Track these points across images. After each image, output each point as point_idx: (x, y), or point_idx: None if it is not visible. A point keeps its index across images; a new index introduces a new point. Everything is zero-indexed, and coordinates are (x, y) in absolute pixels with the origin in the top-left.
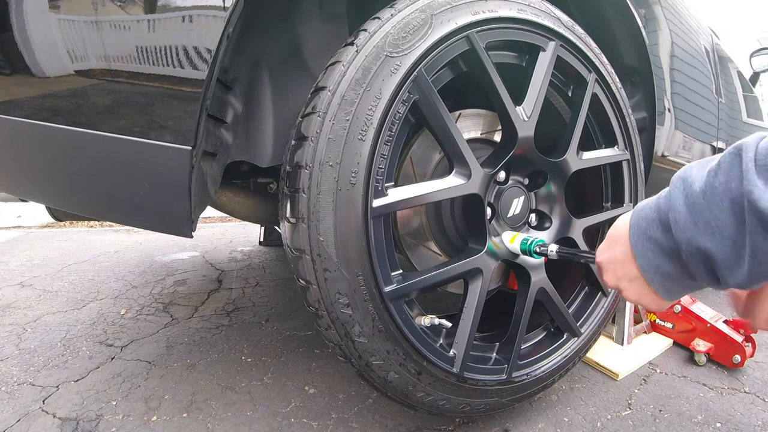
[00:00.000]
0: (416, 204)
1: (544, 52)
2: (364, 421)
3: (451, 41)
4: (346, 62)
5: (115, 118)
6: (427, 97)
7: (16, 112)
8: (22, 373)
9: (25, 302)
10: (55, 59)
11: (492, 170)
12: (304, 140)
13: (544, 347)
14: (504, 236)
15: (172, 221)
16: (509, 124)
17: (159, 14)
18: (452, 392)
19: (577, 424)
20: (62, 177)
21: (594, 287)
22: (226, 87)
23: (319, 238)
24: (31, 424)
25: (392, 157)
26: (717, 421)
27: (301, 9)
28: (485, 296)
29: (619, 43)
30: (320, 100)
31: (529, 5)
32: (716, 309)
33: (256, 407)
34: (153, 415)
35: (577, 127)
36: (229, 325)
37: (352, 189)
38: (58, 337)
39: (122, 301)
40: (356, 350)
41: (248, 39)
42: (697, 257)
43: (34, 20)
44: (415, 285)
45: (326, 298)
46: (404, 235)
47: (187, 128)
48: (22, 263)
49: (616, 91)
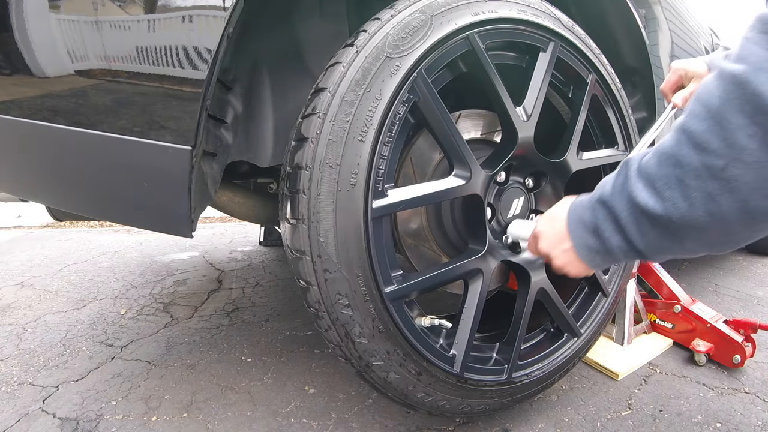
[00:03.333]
0: (416, 205)
1: (544, 53)
2: (364, 421)
3: (451, 42)
4: (346, 63)
5: (115, 118)
6: (427, 98)
7: (16, 112)
8: (22, 373)
9: (25, 302)
10: (55, 59)
11: (492, 171)
12: (304, 141)
13: (544, 347)
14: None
15: (172, 221)
16: (509, 125)
17: (159, 14)
18: (452, 393)
19: (577, 424)
20: (62, 177)
21: (594, 288)
22: (226, 87)
23: (320, 239)
24: (31, 424)
25: (392, 157)
26: (717, 421)
27: (301, 9)
28: (485, 297)
29: (619, 44)
30: (320, 101)
31: (529, 6)
32: (716, 309)
33: (256, 407)
34: (153, 415)
35: (577, 127)
36: (229, 325)
37: (353, 190)
38: (58, 337)
39: (122, 301)
40: (356, 351)
41: (248, 39)
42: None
43: (34, 20)
44: (415, 285)
45: (326, 298)
46: (404, 235)
47: (187, 128)
48: (22, 263)
49: (616, 92)
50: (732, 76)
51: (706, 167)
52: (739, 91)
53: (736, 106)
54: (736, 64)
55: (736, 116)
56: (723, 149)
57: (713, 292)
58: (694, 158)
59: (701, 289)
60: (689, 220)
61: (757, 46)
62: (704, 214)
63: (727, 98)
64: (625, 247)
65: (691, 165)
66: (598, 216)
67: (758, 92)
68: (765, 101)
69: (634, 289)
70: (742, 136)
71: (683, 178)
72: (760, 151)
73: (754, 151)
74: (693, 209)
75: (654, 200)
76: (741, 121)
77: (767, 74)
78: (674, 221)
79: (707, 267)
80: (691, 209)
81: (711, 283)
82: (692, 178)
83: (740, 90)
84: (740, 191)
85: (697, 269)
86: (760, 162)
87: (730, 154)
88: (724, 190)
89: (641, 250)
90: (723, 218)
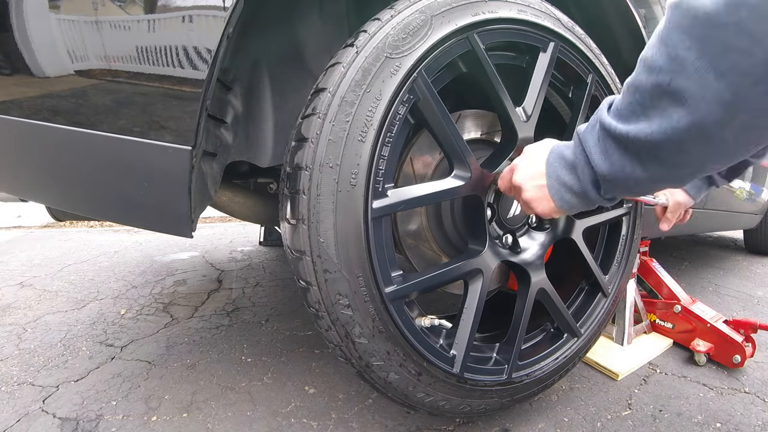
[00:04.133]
0: (416, 205)
1: (544, 53)
2: (364, 421)
3: (450, 42)
4: (346, 63)
5: (115, 118)
6: (427, 98)
7: (16, 112)
8: (22, 373)
9: (25, 302)
10: (55, 59)
11: (492, 171)
12: (304, 141)
13: (544, 348)
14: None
15: (172, 221)
16: (509, 125)
17: (159, 14)
18: (452, 393)
19: (577, 424)
20: (62, 177)
21: (594, 288)
22: (226, 87)
23: (320, 239)
24: (31, 424)
25: (392, 158)
26: (717, 421)
27: (301, 9)
28: (485, 297)
29: (620, 44)
30: (320, 101)
31: (529, 6)
32: (716, 309)
33: (256, 407)
34: (153, 415)
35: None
36: (229, 325)
37: (353, 190)
38: (58, 337)
39: (122, 301)
40: (356, 351)
41: (248, 39)
42: (584, 162)
43: (34, 20)
44: (416, 286)
45: (327, 299)
46: (404, 235)
47: (187, 128)
48: (22, 263)
49: (616, 92)
50: (672, 1)
51: (656, 85)
52: (678, 11)
53: (676, 25)
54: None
55: (676, 33)
56: (667, 65)
57: (713, 292)
58: (647, 79)
59: (701, 289)
60: (646, 137)
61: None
62: (659, 131)
63: (668, 20)
64: (592, 177)
65: (645, 86)
66: (576, 152)
67: (691, 7)
68: (697, 14)
69: (634, 289)
70: (681, 48)
71: (642, 100)
72: (699, 60)
73: (694, 60)
74: (650, 125)
75: (618, 122)
76: (679, 36)
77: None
78: (634, 140)
79: (707, 267)
80: (649, 126)
81: (711, 283)
82: (647, 98)
83: (678, 10)
84: (687, 102)
85: (697, 269)
86: (699, 70)
87: (673, 68)
88: (674, 103)
89: (605, 173)
90: (677, 135)
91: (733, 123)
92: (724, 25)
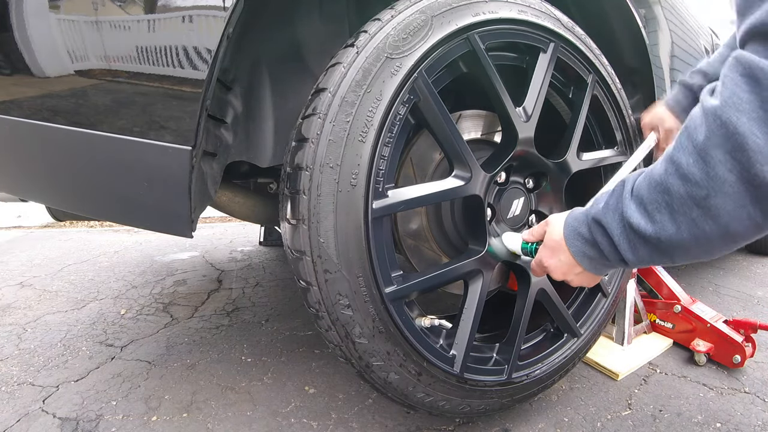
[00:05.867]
0: (417, 205)
1: (544, 54)
2: (364, 421)
3: (451, 43)
4: (346, 64)
5: (115, 118)
6: (428, 99)
7: (16, 112)
8: (22, 373)
9: (25, 302)
10: (55, 59)
11: (492, 171)
12: (304, 142)
13: (544, 348)
14: (504, 237)
15: (172, 221)
16: (509, 125)
17: (159, 14)
18: (452, 393)
19: (577, 424)
20: (62, 177)
21: (594, 288)
22: (226, 87)
23: (320, 239)
24: (31, 424)
25: (393, 158)
26: (717, 421)
27: (301, 9)
28: (485, 297)
29: (620, 44)
30: (321, 101)
31: (529, 6)
32: (716, 309)
33: (256, 407)
34: (153, 415)
35: (577, 128)
36: (229, 325)
37: (353, 190)
38: (58, 337)
39: (122, 301)
40: (357, 351)
41: (248, 39)
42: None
43: (34, 20)
44: (416, 286)
45: (327, 299)
46: (404, 236)
47: (187, 128)
48: (22, 263)
49: (616, 92)
50: (716, 116)
51: (690, 196)
52: (722, 131)
53: (718, 144)
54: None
55: (718, 152)
56: (705, 181)
57: (713, 292)
58: (681, 188)
59: (701, 289)
60: (676, 241)
61: (738, 88)
62: (689, 237)
63: (710, 135)
64: (619, 259)
65: (678, 193)
66: (594, 231)
67: (738, 132)
68: (743, 140)
69: (634, 289)
70: (722, 170)
71: (671, 203)
72: (738, 184)
73: (733, 183)
74: (679, 232)
75: (645, 222)
76: (722, 156)
77: (747, 116)
78: (663, 241)
79: (707, 267)
80: (678, 232)
81: (711, 283)
82: (679, 205)
83: (722, 129)
84: (721, 218)
85: (697, 269)
86: (738, 193)
87: (711, 186)
88: (707, 217)
89: (633, 262)
90: (706, 240)
91: (761, 233)
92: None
